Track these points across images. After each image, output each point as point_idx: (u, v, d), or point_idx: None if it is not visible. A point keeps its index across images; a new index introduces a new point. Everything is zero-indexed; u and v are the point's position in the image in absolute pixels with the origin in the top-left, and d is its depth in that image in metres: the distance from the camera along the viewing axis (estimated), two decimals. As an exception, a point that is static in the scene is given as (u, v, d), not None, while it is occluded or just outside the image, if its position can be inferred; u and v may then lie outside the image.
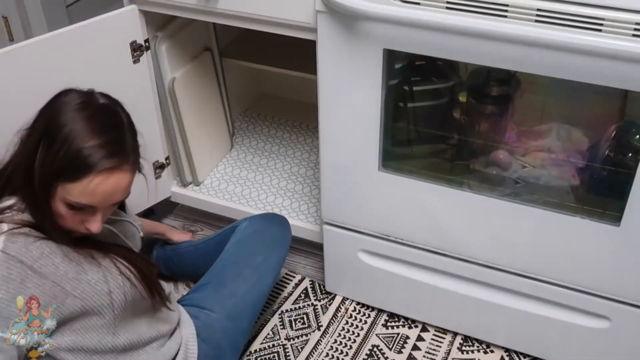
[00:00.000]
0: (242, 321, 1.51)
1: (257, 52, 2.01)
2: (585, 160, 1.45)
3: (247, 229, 1.62)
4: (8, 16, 2.08)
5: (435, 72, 1.49)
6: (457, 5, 1.19)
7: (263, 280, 1.55)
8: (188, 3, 1.53)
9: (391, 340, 1.67)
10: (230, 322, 1.47)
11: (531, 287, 1.48)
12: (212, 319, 1.46)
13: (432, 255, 1.55)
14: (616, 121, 1.39)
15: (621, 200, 1.27)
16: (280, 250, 1.63)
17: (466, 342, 1.66)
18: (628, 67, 1.12)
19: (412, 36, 1.26)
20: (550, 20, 1.13)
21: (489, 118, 1.51)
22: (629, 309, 1.40)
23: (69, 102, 1.13)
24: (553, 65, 1.19)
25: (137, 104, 1.70)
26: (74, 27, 1.50)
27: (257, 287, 1.53)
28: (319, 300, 1.78)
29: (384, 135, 1.44)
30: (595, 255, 1.37)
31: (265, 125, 2.26)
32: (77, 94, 1.16)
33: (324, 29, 1.35)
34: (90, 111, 1.13)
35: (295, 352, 1.64)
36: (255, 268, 1.55)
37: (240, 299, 1.50)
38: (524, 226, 1.41)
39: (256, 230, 1.62)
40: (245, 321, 1.52)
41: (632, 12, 1.08)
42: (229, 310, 1.48)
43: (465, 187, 1.46)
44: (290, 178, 2.02)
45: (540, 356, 1.59)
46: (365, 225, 1.60)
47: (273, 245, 1.62)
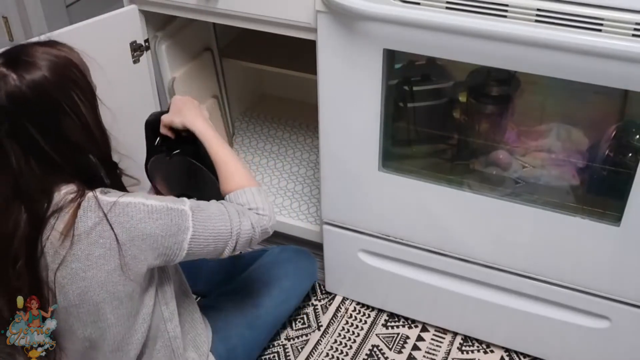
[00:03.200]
0: (260, 333, 1.54)
1: (257, 52, 2.01)
2: (585, 160, 1.45)
3: (280, 254, 1.67)
4: (8, 16, 2.08)
5: (435, 72, 1.49)
6: (457, 5, 1.19)
7: (287, 303, 1.61)
8: (188, 3, 1.53)
9: (391, 340, 1.67)
10: (249, 330, 1.49)
11: (531, 287, 1.48)
12: (232, 322, 1.48)
13: (432, 255, 1.55)
14: (616, 121, 1.40)
15: (621, 200, 1.27)
16: (308, 281, 1.69)
17: (466, 342, 1.66)
18: (628, 67, 1.12)
19: (412, 36, 1.26)
20: (550, 20, 1.13)
21: (489, 118, 1.51)
22: (629, 309, 1.40)
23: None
24: (553, 65, 1.19)
25: (137, 104, 1.70)
26: (74, 27, 1.50)
27: (280, 307, 1.58)
28: (319, 300, 1.78)
29: (384, 135, 1.44)
30: (595, 255, 1.37)
31: (265, 125, 2.26)
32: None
33: (324, 29, 1.35)
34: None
35: (295, 352, 1.64)
36: (282, 290, 1.59)
37: (263, 312, 1.53)
38: (524, 226, 1.41)
39: (290, 258, 1.66)
40: (263, 334, 1.56)
41: (632, 12, 1.08)
42: (250, 319, 1.50)
43: (465, 187, 1.46)
44: (290, 178, 2.02)
45: (540, 356, 1.59)
46: (365, 225, 1.60)
47: (303, 274, 1.67)
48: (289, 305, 1.63)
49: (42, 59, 1.02)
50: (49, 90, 1.02)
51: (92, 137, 1.09)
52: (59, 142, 1.05)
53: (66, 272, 1.07)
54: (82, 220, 1.05)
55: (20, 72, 1.00)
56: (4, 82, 1.00)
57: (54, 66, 1.03)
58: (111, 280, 1.08)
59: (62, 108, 1.04)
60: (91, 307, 1.10)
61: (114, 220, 1.06)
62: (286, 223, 1.83)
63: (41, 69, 1.01)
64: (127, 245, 1.07)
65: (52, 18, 2.09)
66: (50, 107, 1.03)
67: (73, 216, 1.05)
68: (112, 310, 1.12)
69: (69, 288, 1.08)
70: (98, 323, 1.13)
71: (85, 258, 1.06)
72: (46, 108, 1.03)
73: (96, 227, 1.05)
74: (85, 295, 1.09)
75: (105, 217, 1.05)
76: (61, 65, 1.04)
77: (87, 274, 1.07)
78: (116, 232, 1.06)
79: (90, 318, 1.12)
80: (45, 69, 1.02)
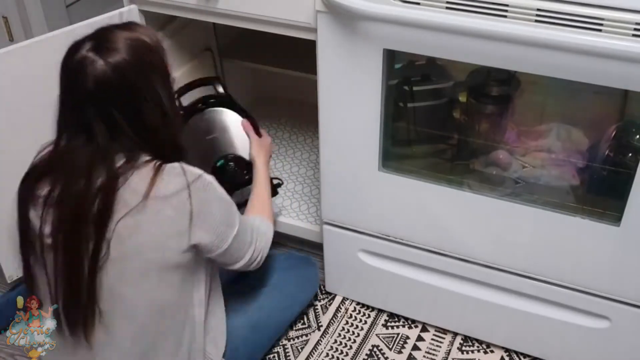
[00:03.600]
0: (263, 336, 1.55)
1: (257, 52, 2.01)
2: (585, 160, 1.45)
3: (285, 261, 1.68)
4: (8, 16, 2.08)
5: (435, 72, 1.49)
6: (457, 5, 1.19)
7: (291, 309, 1.64)
8: (188, 3, 1.53)
9: (391, 340, 1.67)
10: (252, 332, 1.49)
11: (531, 287, 1.48)
12: (237, 322, 1.47)
13: (432, 255, 1.55)
14: (616, 121, 1.40)
15: (621, 200, 1.27)
16: (311, 290, 1.72)
17: (466, 342, 1.66)
18: (628, 67, 1.12)
19: (412, 36, 1.26)
20: (550, 20, 1.13)
21: (489, 118, 1.52)
22: (629, 309, 1.40)
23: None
24: (553, 65, 1.19)
25: (137, 104, 1.70)
26: (74, 27, 1.50)
27: (284, 311, 1.61)
28: (319, 300, 1.78)
29: (384, 135, 1.44)
30: (595, 255, 1.37)
31: (265, 125, 2.26)
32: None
33: (324, 29, 1.35)
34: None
35: (295, 352, 1.64)
36: (287, 295, 1.61)
37: (267, 315, 1.54)
38: (524, 226, 1.41)
39: (294, 265, 1.69)
40: (266, 338, 1.57)
41: (632, 12, 1.08)
42: (255, 321, 1.51)
43: (465, 187, 1.46)
44: (290, 178, 2.01)
45: (540, 356, 1.59)
46: (365, 225, 1.60)
47: (307, 282, 1.70)
48: (292, 311, 1.64)
49: (122, 43, 1.09)
50: (129, 72, 1.08)
51: (166, 116, 1.15)
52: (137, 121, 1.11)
53: (130, 223, 1.10)
54: (165, 182, 1.11)
55: (105, 57, 1.07)
56: (92, 67, 1.06)
57: (133, 50, 1.09)
58: (168, 245, 1.13)
59: (140, 88, 1.10)
60: (140, 265, 1.13)
61: (194, 191, 1.12)
62: (286, 223, 1.83)
63: (121, 52, 1.08)
64: (195, 219, 1.13)
65: (52, 18, 2.09)
66: (131, 89, 1.10)
67: (154, 176, 1.11)
68: (157, 273, 1.15)
69: (127, 239, 1.11)
70: (140, 285, 1.15)
71: (154, 214, 1.11)
72: (127, 90, 1.09)
73: (178, 192, 1.12)
74: (139, 249, 1.12)
75: (189, 186, 1.12)
76: (140, 48, 1.11)
77: (150, 229, 1.11)
78: (192, 202, 1.12)
79: (135, 277, 1.14)
80: (125, 52, 1.08)
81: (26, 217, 1.14)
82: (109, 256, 1.10)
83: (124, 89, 1.08)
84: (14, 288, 1.69)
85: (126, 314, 1.17)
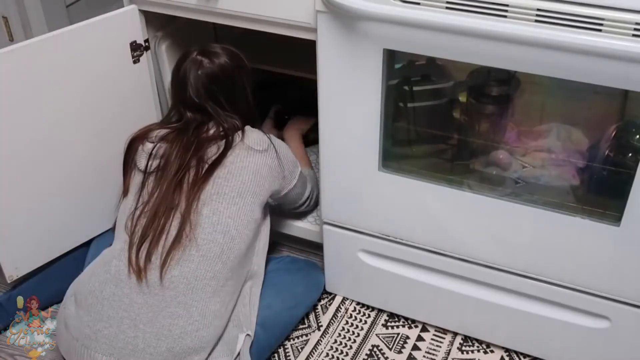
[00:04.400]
0: (272, 335, 1.56)
1: (257, 52, 2.01)
2: (585, 160, 1.45)
3: (292, 263, 1.72)
4: (8, 16, 2.07)
5: (435, 72, 1.49)
6: (457, 5, 1.19)
7: (297, 309, 1.65)
8: (188, 3, 1.53)
9: (391, 340, 1.67)
10: (262, 330, 1.51)
11: (531, 287, 1.48)
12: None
13: (432, 255, 1.55)
14: (616, 121, 1.40)
15: (621, 200, 1.27)
16: (316, 293, 1.74)
17: (466, 342, 1.66)
18: (628, 67, 1.12)
19: (412, 36, 1.26)
20: (550, 20, 1.13)
21: (489, 118, 1.51)
22: (629, 309, 1.40)
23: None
24: (553, 65, 1.19)
25: (137, 104, 1.70)
26: (74, 27, 1.50)
27: (291, 311, 1.63)
28: (319, 300, 1.78)
29: (384, 135, 1.44)
30: (595, 255, 1.37)
31: (265, 125, 2.25)
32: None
33: (324, 29, 1.35)
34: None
35: (295, 352, 1.64)
36: (294, 295, 1.64)
37: (275, 314, 1.56)
38: (524, 226, 1.41)
39: (301, 267, 1.73)
40: (273, 337, 1.57)
41: (632, 12, 1.08)
42: (263, 319, 1.52)
43: (465, 187, 1.46)
44: (290, 178, 2.01)
45: (540, 356, 1.59)
46: (365, 225, 1.60)
47: (312, 285, 1.73)
48: (298, 311, 1.65)
49: (221, 50, 1.53)
50: (230, 70, 1.52)
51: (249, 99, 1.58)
52: (233, 103, 1.53)
53: (233, 159, 1.44)
54: (254, 137, 1.50)
55: (211, 58, 1.50)
56: (201, 65, 1.49)
57: (230, 55, 1.53)
58: (257, 180, 1.45)
59: (236, 82, 1.53)
60: (234, 194, 1.42)
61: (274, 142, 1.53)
62: (286, 223, 1.83)
63: (223, 56, 1.52)
64: (282, 159, 1.53)
65: (52, 18, 2.09)
66: (231, 81, 1.52)
67: (244, 132, 1.50)
68: (245, 205, 1.43)
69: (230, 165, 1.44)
70: (230, 220, 1.40)
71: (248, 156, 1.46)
72: (229, 82, 1.52)
73: (267, 144, 1.50)
74: (235, 178, 1.42)
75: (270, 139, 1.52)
76: (234, 54, 1.55)
77: (249, 163, 1.45)
78: (276, 149, 1.51)
79: (229, 210, 1.40)
80: (225, 57, 1.52)
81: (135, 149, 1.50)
82: (208, 193, 1.40)
83: (226, 81, 1.51)
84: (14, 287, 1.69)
85: (221, 229, 1.39)
